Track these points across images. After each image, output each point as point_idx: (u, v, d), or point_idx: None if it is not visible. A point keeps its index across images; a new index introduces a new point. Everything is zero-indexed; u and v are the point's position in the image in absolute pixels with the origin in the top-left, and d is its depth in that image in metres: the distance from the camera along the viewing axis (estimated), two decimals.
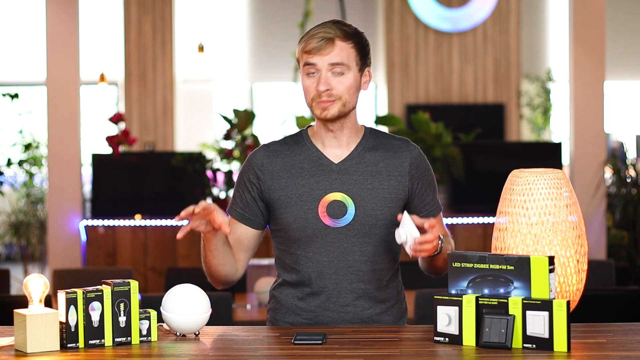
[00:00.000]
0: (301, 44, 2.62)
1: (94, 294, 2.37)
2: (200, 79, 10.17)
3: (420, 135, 6.61)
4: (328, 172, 2.65)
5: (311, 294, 2.65)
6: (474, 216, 6.48)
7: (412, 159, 2.69)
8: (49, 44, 6.42)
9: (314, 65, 2.59)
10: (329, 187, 2.63)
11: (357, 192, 2.63)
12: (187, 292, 2.47)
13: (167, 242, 6.51)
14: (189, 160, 6.60)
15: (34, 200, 8.78)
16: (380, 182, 2.65)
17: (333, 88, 2.59)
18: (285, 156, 2.68)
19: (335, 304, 2.64)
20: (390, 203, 2.64)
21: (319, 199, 2.62)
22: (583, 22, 6.47)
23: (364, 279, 2.64)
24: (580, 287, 2.56)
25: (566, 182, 2.55)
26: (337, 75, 2.59)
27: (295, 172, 2.65)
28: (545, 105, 10.20)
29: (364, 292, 2.64)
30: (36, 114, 8.99)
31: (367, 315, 2.65)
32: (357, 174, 2.65)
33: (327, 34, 2.59)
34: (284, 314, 2.69)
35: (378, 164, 2.67)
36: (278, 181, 2.66)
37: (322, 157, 2.67)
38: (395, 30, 10.06)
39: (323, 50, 2.58)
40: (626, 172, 6.93)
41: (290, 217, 2.63)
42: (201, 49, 8.19)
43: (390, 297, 2.70)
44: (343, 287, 2.63)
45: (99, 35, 10.31)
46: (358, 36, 2.63)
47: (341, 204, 2.62)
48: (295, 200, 2.63)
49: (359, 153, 2.67)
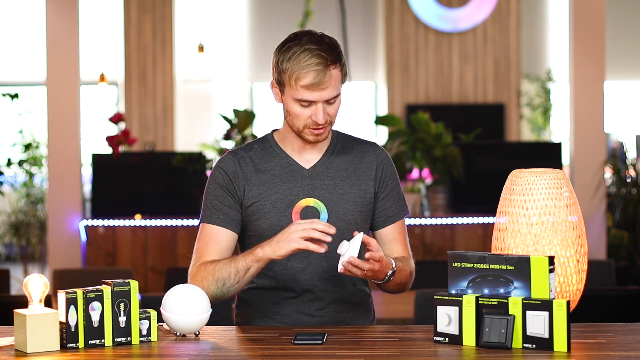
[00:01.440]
0: (294, 73, 2.52)
1: (94, 294, 2.37)
2: (200, 79, 10.18)
3: (420, 135, 6.61)
4: (300, 178, 2.64)
5: (286, 299, 2.65)
6: (474, 216, 6.48)
7: (379, 162, 2.70)
8: (49, 44, 6.42)
9: (310, 102, 2.55)
10: (301, 192, 2.63)
11: (329, 197, 2.63)
12: (187, 292, 2.47)
13: (167, 242, 6.51)
14: (189, 160, 6.60)
15: (34, 200, 8.78)
16: (351, 186, 2.66)
17: (328, 116, 2.58)
18: (255, 163, 2.66)
19: (310, 307, 2.65)
20: (360, 207, 2.66)
21: (292, 205, 2.62)
22: (583, 22, 6.47)
23: (338, 283, 2.66)
24: (580, 287, 2.56)
25: (566, 182, 2.55)
26: (330, 104, 2.58)
27: (267, 179, 2.64)
28: (545, 105, 10.20)
29: (338, 297, 2.66)
30: (36, 114, 8.99)
31: (341, 318, 2.67)
32: (328, 179, 2.65)
33: (320, 64, 2.52)
34: (257, 317, 2.69)
35: (347, 169, 2.67)
36: (250, 188, 2.64)
37: (293, 163, 2.66)
38: (395, 30, 10.06)
39: (321, 84, 2.52)
40: (626, 172, 6.93)
41: (265, 225, 2.62)
42: (201, 49, 8.19)
43: (362, 301, 2.73)
44: (318, 292, 2.64)
45: (99, 35, 10.31)
46: (339, 54, 2.57)
47: (314, 209, 2.62)
48: (269, 207, 2.62)
49: (329, 158, 2.67)
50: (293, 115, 2.59)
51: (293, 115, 2.59)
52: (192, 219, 6.51)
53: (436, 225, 6.54)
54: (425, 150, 6.59)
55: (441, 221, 6.54)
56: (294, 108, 2.58)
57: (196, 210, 6.61)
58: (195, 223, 6.49)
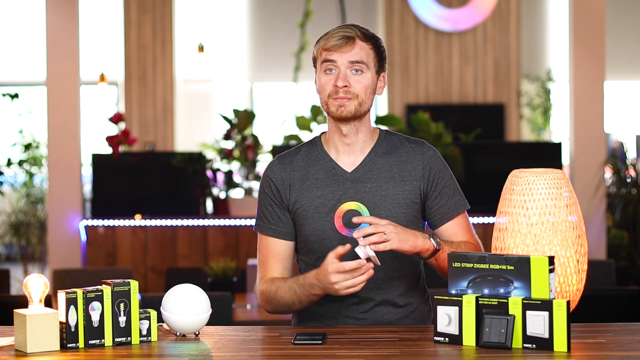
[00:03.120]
0: (320, 42, 2.62)
1: (94, 294, 2.37)
2: (200, 79, 10.17)
3: (420, 135, 6.61)
4: (342, 182, 2.63)
5: (332, 302, 2.64)
6: (474, 216, 6.48)
7: (426, 161, 2.66)
8: (49, 44, 6.42)
9: (333, 62, 2.59)
10: (343, 196, 2.62)
11: (372, 200, 2.61)
12: (187, 292, 2.47)
13: (167, 242, 6.51)
14: (189, 160, 6.60)
15: (34, 200, 8.78)
16: (394, 187, 2.63)
17: (351, 86, 2.58)
18: (301, 167, 2.67)
19: (355, 311, 2.64)
20: (405, 209, 2.63)
21: (334, 209, 2.61)
22: (583, 22, 6.47)
23: (382, 286, 2.64)
24: (580, 287, 2.56)
25: (566, 182, 2.55)
26: (355, 73, 2.59)
27: (310, 184, 2.64)
28: (545, 105, 10.20)
29: (383, 299, 2.64)
30: (36, 114, 8.99)
31: (387, 320, 2.65)
32: (370, 182, 2.63)
33: (348, 33, 2.59)
34: (306, 320, 2.70)
35: (391, 170, 2.65)
36: (294, 194, 2.65)
37: (335, 167, 2.65)
38: (395, 30, 10.06)
39: (343, 47, 2.58)
40: (626, 172, 6.93)
41: (308, 230, 2.63)
42: (201, 49, 8.19)
43: (411, 302, 2.69)
44: (362, 296, 2.62)
45: (99, 35, 10.31)
46: (376, 40, 2.64)
47: (356, 213, 2.60)
48: (311, 212, 2.62)
49: (372, 159, 2.66)
50: (320, 87, 2.61)
51: (320, 87, 2.61)
52: (192, 219, 6.51)
53: None
54: None
55: None
56: (320, 79, 2.61)
57: (196, 210, 6.63)
58: (195, 223, 6.50)
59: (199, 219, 6.52)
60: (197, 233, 6.51)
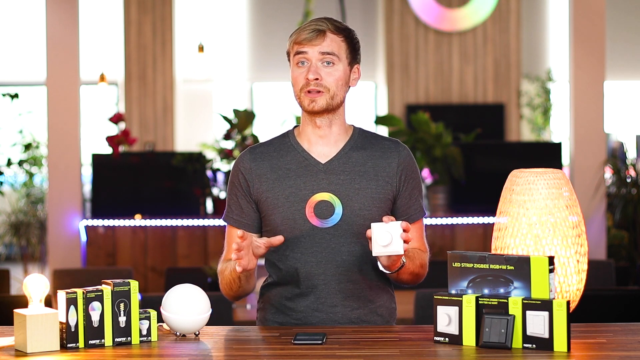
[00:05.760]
0: (293, 36, 2.67)
1: (94, 294, 2.37)
2: (200, 79, 10.17)
3: (420, 135, 6.61)
4: (315, 173, 2.64)
5: (299, 295, 2.64)
6: (474, 216, 6.48)
7: (401, 159, 2.68)
8: (49, 44, 6.42)
9: (304, 54, 2.62)
10: (316, 187, 2.63)
11: (345, 192, 2.62)
12: (187, 292, 2.47)
13: (167, 242, 6.51)
14: (189, 160, 6.60)
15: (34, 200, 8.79)
16: (368, 182, 2.64)
17: (322, 78, 2.61)
18: (272, 158, 2.68)
19: (323, 304, 2.63)
20: (378, 203, 2.63)
21: (306, 199, 2.62)
22: (583, 22, 6.47)
23: (352, 279, 2.63)
24: (581, 287, 2.56)
25: (566, 182, 2.55)
26: (327, 66, 2.62)
27: (282, 174, 2.65)
28: (545, 105, 10.20)
29: (352, 292, 2.64)
30: (36, 114, 8.99)
31: (356, 315, 2.65)
32: (344, 174, 2.64)
33: (319, 26, 2.63)
34: (273, 313, 2.69)
35: (365, 164, 2.66)
36: (265, 183, 2.65)
37: (308, 158, 2.66)
38: (395, 30, 10.06)
39: (314, 40, 2.61)
40: (626, 172, 6.93)
41: (278, 219, 2.63)
42: (201, 49, 8.19)
43: (379, 297, 2.69)
44: (331, 288, 2.63)
45: (99, 35, 10.31)
46: (348, 32, 2.67)
47: (328, 204, 2.61)
48: (282, 201, 2.63)
49: (347, 153, 2.67)
50: (293, 80, 2.65)
51: (293, 80, 2.65)
52: (192, 219, 6.51)
53: (436, 225, 6.54)
54: (425, 150, 6.59)
55: (441, 221, 6.54)
56: (293, 72, 2.66)
57: (196, 210, 6.64)
58: (195, 223, 6.50)
59: (199, 219, 6.52)
60: (197, 233, 6.51)
